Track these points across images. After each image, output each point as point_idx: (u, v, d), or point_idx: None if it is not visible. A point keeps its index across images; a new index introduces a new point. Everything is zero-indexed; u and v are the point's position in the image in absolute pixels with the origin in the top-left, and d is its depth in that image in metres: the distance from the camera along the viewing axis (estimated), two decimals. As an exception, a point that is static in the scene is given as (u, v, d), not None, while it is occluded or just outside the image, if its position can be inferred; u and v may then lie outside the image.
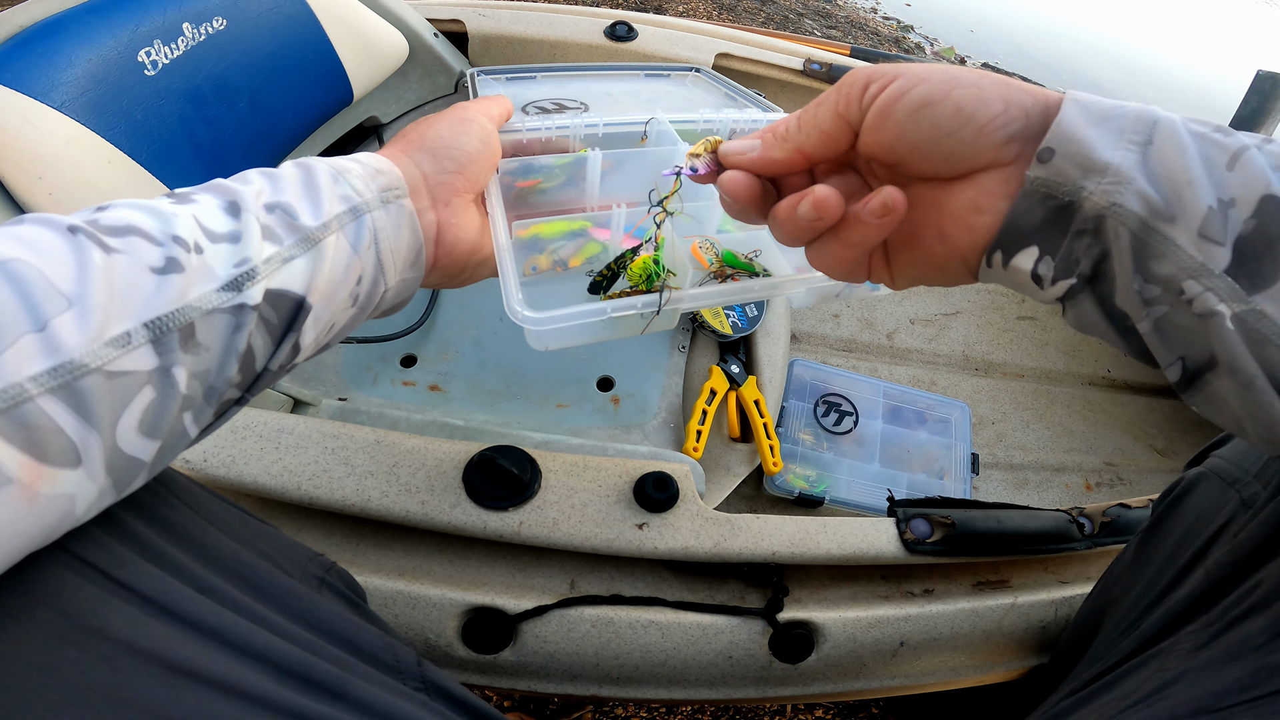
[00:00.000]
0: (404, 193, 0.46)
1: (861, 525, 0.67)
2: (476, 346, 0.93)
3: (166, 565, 0.35)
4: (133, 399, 0.31)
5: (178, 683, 0.31)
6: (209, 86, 0.74)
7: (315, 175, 0.42)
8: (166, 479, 0.40)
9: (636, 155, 0.61)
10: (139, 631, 0.31)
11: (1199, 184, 0.33)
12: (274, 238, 0.38)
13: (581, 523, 0.62)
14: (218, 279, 0.34)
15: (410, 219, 0.46)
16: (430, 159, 0.49)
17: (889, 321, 1.16)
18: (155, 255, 0.33)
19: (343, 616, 0.43)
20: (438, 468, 0.62)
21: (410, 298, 0.51)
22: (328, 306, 0.41)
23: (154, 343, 0.32)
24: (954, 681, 0.72)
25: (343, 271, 0.41)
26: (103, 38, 0.67)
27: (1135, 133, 0.34)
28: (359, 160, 0.45)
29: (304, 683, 0.35)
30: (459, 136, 0.50)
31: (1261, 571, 0.44)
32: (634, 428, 0.89)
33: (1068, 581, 0.75)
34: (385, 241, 0.44)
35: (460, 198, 0.49)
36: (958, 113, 0.36)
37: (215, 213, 0.37)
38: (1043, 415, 1.14)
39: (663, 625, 0.63)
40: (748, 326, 0.95)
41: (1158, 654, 0.47)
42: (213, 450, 0.61)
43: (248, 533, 0.43)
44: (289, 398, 0.77)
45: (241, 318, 0.35)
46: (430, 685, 0.44)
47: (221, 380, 0.35)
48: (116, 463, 0.31)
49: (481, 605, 0.61)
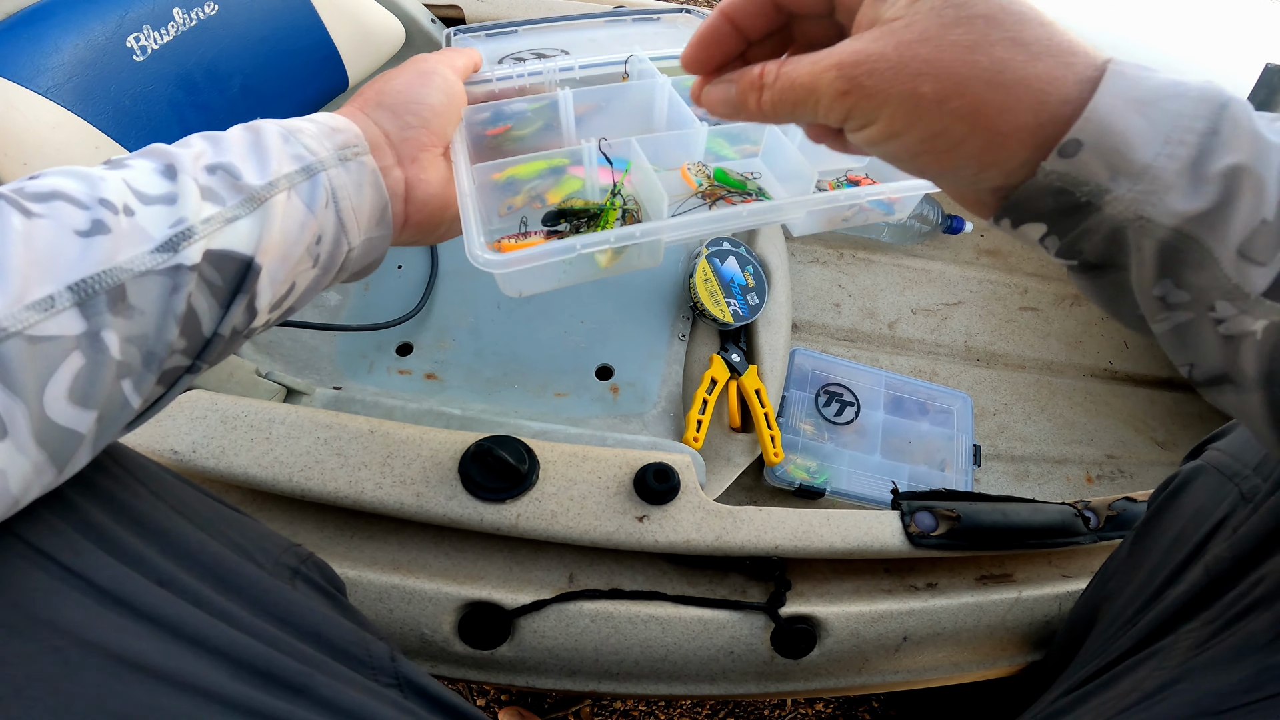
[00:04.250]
0: (364, 150, 0.44)
1: (865, 518, 0.66)
2: (473, 334, 0.91)
3: (125, 555, 0.34)
4: (59, 365, 0.30)
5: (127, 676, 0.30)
6: (200, 72, 0.73)
7: (263, 136, 0.40)
8: (132, 465, 0.39)
9: (618, 93, 0.58)
10: (91, 623, 0.30)
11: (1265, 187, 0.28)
12: (215, 198, 0.36)
13: (580, 515, 0.61)
14: (151, 240, 0.33)
15: (373, 176, 0.44)
16: (390, 115, 0.47)
17: (890, 311, 1.15)
18: (80, 218, 0.32)
19: (313, 609, 0.42)
20: (433, 458, 0.61)
21: (381, 257, 0.49)
22: (283, 266, 0.39)
23: (79, 306, 0.30)
24: (957, 676, 0.71)
25: (297, 230, 0.40)
26: (90, 24, 0.65)
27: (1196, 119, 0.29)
28: (313, 120, 0.44)
29: (263, 678, 0.34)
30: (419, 90, 0.49)
31: (1263, 567, 0.43)
32: (633, 417, 0.88)
33: (1071, 576, 0.74)
34: (346, 200, 0.42)
35: (427, 153, 0.48)
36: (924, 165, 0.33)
37: (149, 176, 0.35)
38: (1044, 407, 1.13)
39: (663, 620, 0.62)
40: (749, 315, 0.94)
41: (1157, 652, 0.46)
42: (202, 441, 0.59)
43: (219, 522, 0.42)
44: (282, 387, 0.76)
45: (178, 278, 0.34)
46: (404, 681, 0.44)
47: (160, 344, 0.34)
48: (48, 434, 0.30)
49: (478, 600, 0.60)
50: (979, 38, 0.30)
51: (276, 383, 0.76)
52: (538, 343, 0.92)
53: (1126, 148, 0.29)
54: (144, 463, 0.41)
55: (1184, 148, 0.29)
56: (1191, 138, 0.29)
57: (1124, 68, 0.30)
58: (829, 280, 1.16)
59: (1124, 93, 0.29)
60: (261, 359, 0.83)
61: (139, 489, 0.38)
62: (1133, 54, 0.31)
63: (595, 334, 0.93)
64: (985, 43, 0.30)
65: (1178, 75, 0.30)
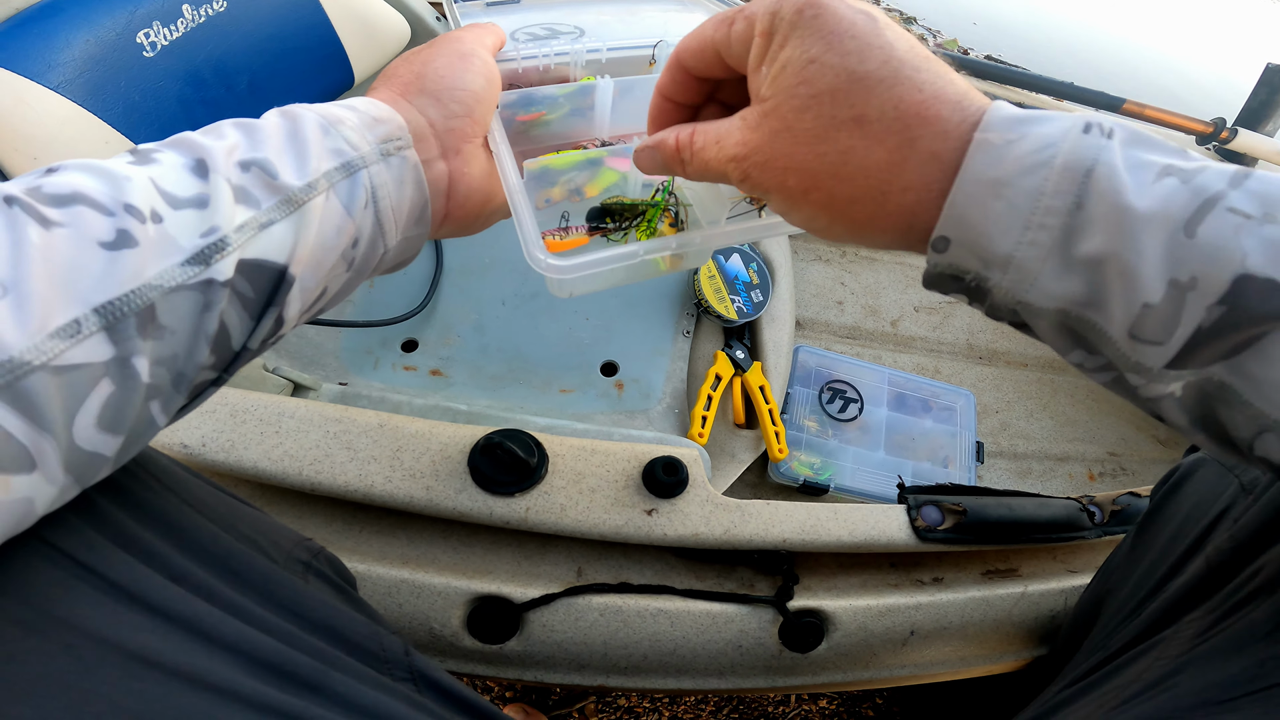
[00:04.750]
0: (408, 143, 0.41)
1: (872, 512, 0.66)
2: (478, 331, 0.91)
3: (140, 551, 0.33)
4: (88, 395, 0.28)
5: (143, 674, 0.29)
6: (209, 69, 0.73)
7: (301, 126, 0.37)
8: (146, 460, 0.38)
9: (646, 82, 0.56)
10: (106, 621, 0.29)
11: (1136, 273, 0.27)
12: (249, 200, 0.34)
13: (590, 509, 0.61)
14: (181, 251, 0.31)
15: (415, 172, 0.41)
16: (434, 103, 0.43)
17: (893, 309, 1.16)
18: (104, 227, 0.29)
19: (326, 604, 0.41)
20: (442, 452, 0.61)
21: (415, 255, 0.46)
22: (315, 274, 0.37)
23: (108, 330, 0.28)
24: (964, 671, 0.71)
25: (333, 236, 0.37)
26: (101, 19, 0.66)
27: (1057, 196, 0.28)
28: (354, 107, 0.40)
29: (279, 675, 0.33)
30: (462, 75, 0.45)
31: (1263, 557, 0.43)
32: (638, 413, 0.88)
33: (1077, 570, 0.74)
34: (385, 199, 0.40)
35: (470, 144, 0.45)
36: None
37: (179, 173, 0.32)
38: (1046, 404, 1.13)
39: (671, 614, 0.62)
40: (753, 312, 0.94)
41: (1159, 642, 0.46)
42: (212, 435, 0.59)
43: (231, 516, 0.42)
44: (289, 382, 0.76)
45: (211, 295, 0.31)
46: (418, 675, 0.43)
47: (191, 366, 0.32)
48: (76, 461, 0.28)
49: (487, 594, 0.60)
50: (825, 123, 0.31)
51: (284, 378, 0.76)
52: (542, 339, 0.92)
53: (987, 240, 0.29)
54: (157, 457, 0.40)
55: (1045, 232, 0.28)
56: (1054, 220, 0.28)
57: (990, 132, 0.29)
58: (832, 278, 1.17)
59: (984, 172, 0.29)
60: (268, 354, 0.83)
61: (152, 484, 0.37)
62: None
63: (600, 330, 0.94)
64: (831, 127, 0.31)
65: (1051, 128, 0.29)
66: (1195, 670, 0.40)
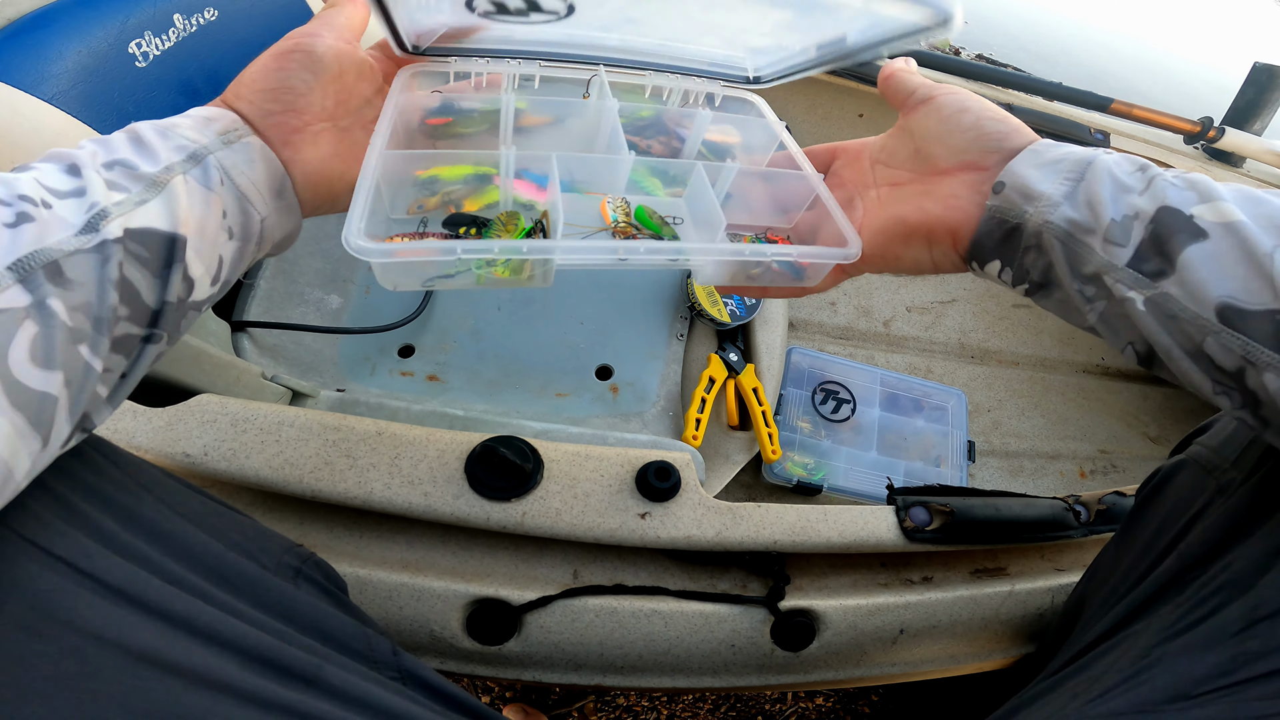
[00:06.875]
0: (246, 131, 0.45)
1: (862, 514, 0.68)
2: (474, 336, 0.92)
3: (133, 557, 0.35)
4: (16, 332, 0.31)
5: (145, 673, 0.31)
6: (201, 78, 0.73)
7: (142, 135, 0.41)
8: (136, 470, 0.41)
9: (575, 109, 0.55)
10: (106, 622, 0.32)
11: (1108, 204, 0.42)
12: (119, 188, 0.38)
13: (584, 513, 0.62)
14: (72, 225, 0.35)
15: (262, 151, 0.45)
16: (248, 105, 0.46)
17: (886, 309, 1.17)
18: (6, 213, 0.34)
19: (316, 607, 0.43)
20: (439, 459, 0.62)
21: (298, 225, 0.49)
22: (203, 239, 0.41)
23: (21, 282, 0.32)
24: (953, 669, 0.72)
25: (203, 207, 0.41)
26: (93, 30, 0.66)
27: (1072, 171, 0.44)
28: (186, 115, 0.44)
29: (275, 670, 0.35)
30: (274, 75, 0.47)
31: (1231, 553, 0.45)
32: (633, 416, 0.89)
33: (1064, 569, 0.76)
34: (240, 176, 0.43)
35: (301, 133, 0.47)
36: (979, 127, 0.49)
37: (57, 174, 0.37)
38: (1038, 403, 1.15)
39: (665, 614, 0.63)
40: (745, 314, 0.95)
41: (1130, 635, 0.48)
42: (214, 444, 0.60)
43: (222, 524, 0.44)
44: (288, 389, 0.77)
45: (106, 251, 0.36)
46: (406, 674, 0.45)
47: (105, 309, 0.35)
48: (20, 396, 0.31)
49: (485, 597, 0.61)
50: None
51: (282, 385, 0.77)
52: (538, 344, 0.93)
53: (1029, 184, 0.44)
54: (147, 468, 0.42)
55: (1064, 184, 0.44)
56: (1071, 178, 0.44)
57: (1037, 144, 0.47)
58: (824, 279, 1.18)
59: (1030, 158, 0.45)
60: (266, 362, 0.84)
61: (143, 494, 0.39)
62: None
63: (595, 335, 0.95)
64: None
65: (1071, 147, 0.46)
66: (1168, 664, 0.41)
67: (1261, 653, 0.38)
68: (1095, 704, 0.43)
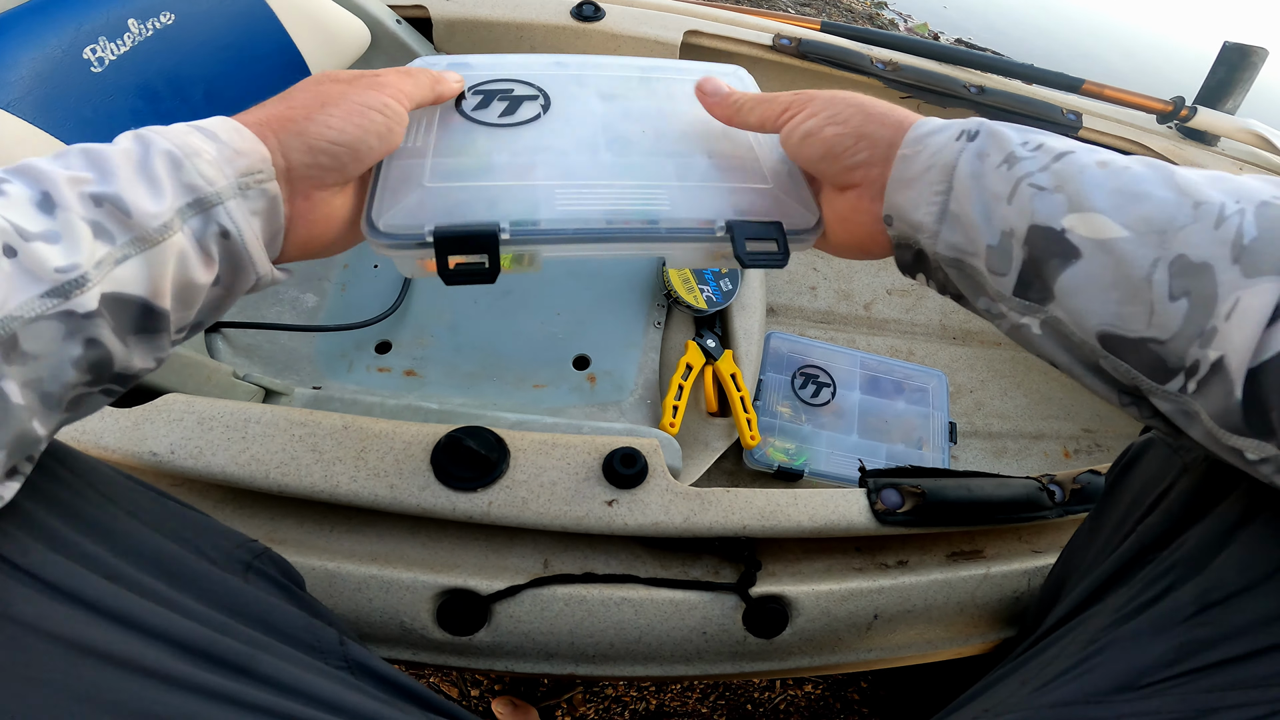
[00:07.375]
0: (269, 175, 0.41)
1: (832, 497, 0.67)
2: (452, 330, 0.93)
3: (72, 553, 0.35)
4: None
5: (81, 661, 0.32)
6: (161, 81, 0.73)
7: (151, 160, 0.37)
8: (84, 469, 0.41)
9: None
10: (43, 615, 0.32)
11: (981, 227, 0.40)
12: (105, 235, 0.34)
13: (551, 501, 0.62)
14: (40, 284, 0.31)
15: (272, 204, 0.41)
16: (305, 150, 0.42)
17: (866, 292, 1.17)
18: None
19: (261, 600, 0.44)
20: (405, 451, 0.63)
21: None
22: (182, 298, 0.38)
23: None
24: (930, 654, 0.72)
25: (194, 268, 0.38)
26: (46, 36, 0.66)
27: (939, 183, 0.41)
28: (216, 135, 0.39)
29: (207, 659, 0.36)
30: (353, 132, 0.44)
31: (1187, 533, 0.43)
32: (611, 405, 0.89)
33: (1041, 551, 0.75)
34: (248, 232, 0.40)
35: (324, 192, 0.44)
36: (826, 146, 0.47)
37: (25, 208, 0.33)
38: (1020, 382, 1.14)
39: (635, 602, 0.63)
40: (722, 301, 0.95)
41: (1085, 619, 0.47)
42: (180, 442, 0.61)
43: (171, 521, 0.44)
44: (260, 388, 0.77)
45: (72, 324, 0.33)
46: (353, 663, 0.46)
47: (57, 385, 0.33)
48: None
49: (454, 587, 0.62)
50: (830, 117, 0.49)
51: (255, 384, 0.77)
52: (515, 335, 0.93)
53: (906, 215, 0.43)
54: (97, 466, 0.42)
55: (935, 202, 0.42)
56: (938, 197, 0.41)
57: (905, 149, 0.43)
58: (804, 263, 1.18)
59: (900, 177, 0.43)
60: (240, 361, 0.84)
61: (89, 493, 0.40)
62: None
63: (572, 325, 0.95)
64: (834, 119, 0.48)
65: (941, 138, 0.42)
66: (1117, 650, 0.40)
67: (1211, 641, 0.37)
68: (1041, 692, 0.42)
